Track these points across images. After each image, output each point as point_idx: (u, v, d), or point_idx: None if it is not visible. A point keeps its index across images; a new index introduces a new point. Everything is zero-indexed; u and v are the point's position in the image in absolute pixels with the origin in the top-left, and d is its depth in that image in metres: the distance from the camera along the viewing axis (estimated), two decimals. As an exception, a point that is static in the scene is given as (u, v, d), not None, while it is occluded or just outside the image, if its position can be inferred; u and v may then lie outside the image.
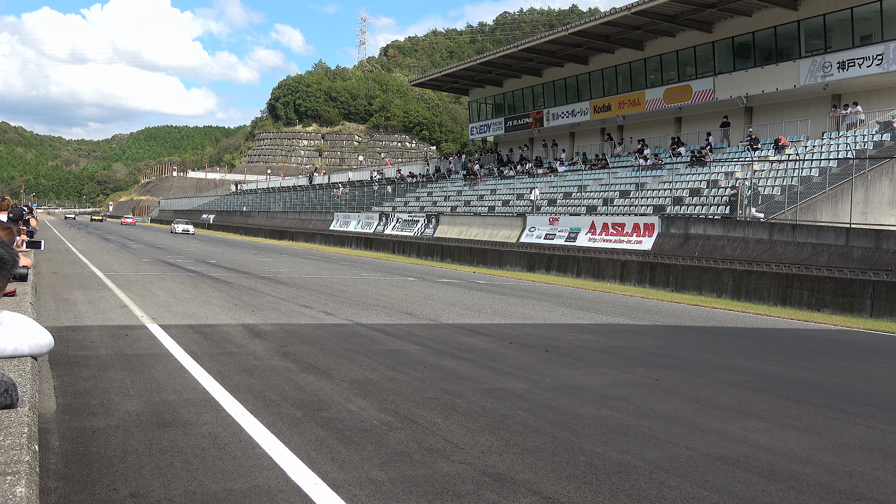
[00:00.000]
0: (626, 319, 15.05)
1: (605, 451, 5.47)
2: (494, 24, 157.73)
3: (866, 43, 27.21)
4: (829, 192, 23.48)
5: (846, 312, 17.73)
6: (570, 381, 8.20)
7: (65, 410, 5.81)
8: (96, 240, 40.74)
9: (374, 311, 13.60)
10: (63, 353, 8.08)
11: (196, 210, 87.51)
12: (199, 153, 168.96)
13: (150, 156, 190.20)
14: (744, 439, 6.00)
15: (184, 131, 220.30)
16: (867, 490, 4.89)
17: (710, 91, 33.34)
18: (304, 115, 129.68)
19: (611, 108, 39.19)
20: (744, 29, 31.58)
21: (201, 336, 9.87)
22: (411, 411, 6.34)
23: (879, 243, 19.43)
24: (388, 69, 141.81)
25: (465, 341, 10.65)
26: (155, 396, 6.45)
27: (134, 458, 4.74)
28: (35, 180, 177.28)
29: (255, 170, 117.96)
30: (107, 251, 30.12)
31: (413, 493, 4.36)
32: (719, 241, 23.62)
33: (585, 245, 28.51)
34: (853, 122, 27.61)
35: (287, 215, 61.39)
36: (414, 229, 41.11)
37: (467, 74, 48.31)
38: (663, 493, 4.60)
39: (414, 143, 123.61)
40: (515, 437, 5.72)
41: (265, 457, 4.91)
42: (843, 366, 10.82)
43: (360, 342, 10.04)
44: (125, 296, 14.14)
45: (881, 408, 7.74)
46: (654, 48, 36.29)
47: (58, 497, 4.00)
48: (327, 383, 7.35)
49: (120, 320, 10.99)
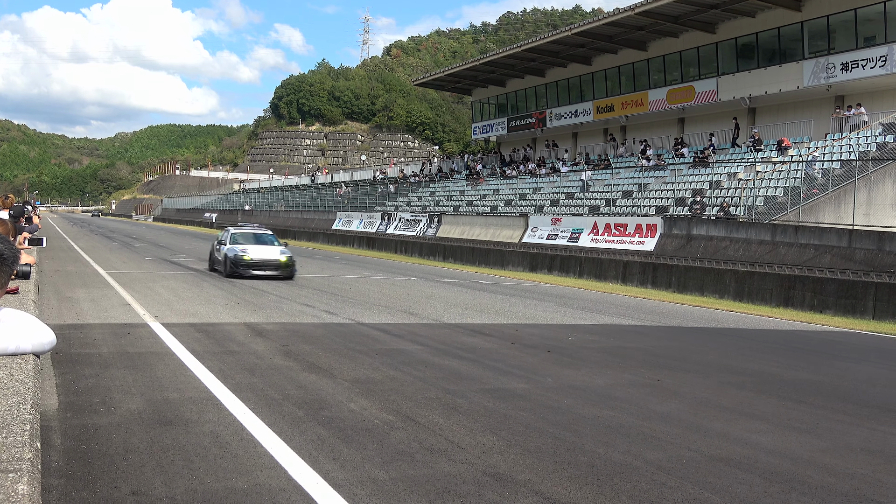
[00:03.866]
0: (628, 320, 15.03)
1: (607, 451, 5.47)
2: (497, 24, 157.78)
3: (870, 44, 27.15)
4: (832, 193, 23.44)
5: (848, 314, 17.70)
6: (571, 381, 8.19)
7: (67, 408, 5.82)
8: (99, 238, 40.79)
9: (377, 311, 13.60)
10: (65, 350, 8.09)
11: (199, 209, 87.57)
12: (202, 152, 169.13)
13: (153, 154, 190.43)
14: (746, 440, 5.99)
15: (186, 130, 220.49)
16: (869, 492, 4.88)
17: (713, 92, 33.28)
18: (308, 115, 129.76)
19: (614, 109, 39.14)
20: (747, 30, 31.53)
21: (203, 335, 9.88)
22: (413, 411, 6.34)
23: (882, 245, 19.39)
24: (391, 69, 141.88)
25: (467, 341, 10.65)
26: (157, 395, 6.46)
27: (135, 456, 4.75)
28: (38, 178, 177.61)
29: (258, 169, 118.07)
30: (109, 249, 30.16)
31: (414, 492, 4.36)
32: (722, 243, 23.59)
33: (588, 245, 28.47)
34: (856, 123, 27.55)
35: (290, 214, 61.41)
36: (416, 229, 41.11)
37: (470, 74, 48.28)
38: (665, 494, 4.60)
39: (417, 143, 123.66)
40: (517, 437, 5.72)
41: (267, 455, 4.92)
42: (846, 367, 10.80)
43: (362, 341, 10.04)
44: (127, 294, 14.16)
45: (884, 410, 7.72)
46: (657, 49, 36.24)
47: (60, 494, 4.01)
48: (329, 382, 7.35)
49: (122, 318, 11.00)
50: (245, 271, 18.60)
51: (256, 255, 18.92)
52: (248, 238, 20.17)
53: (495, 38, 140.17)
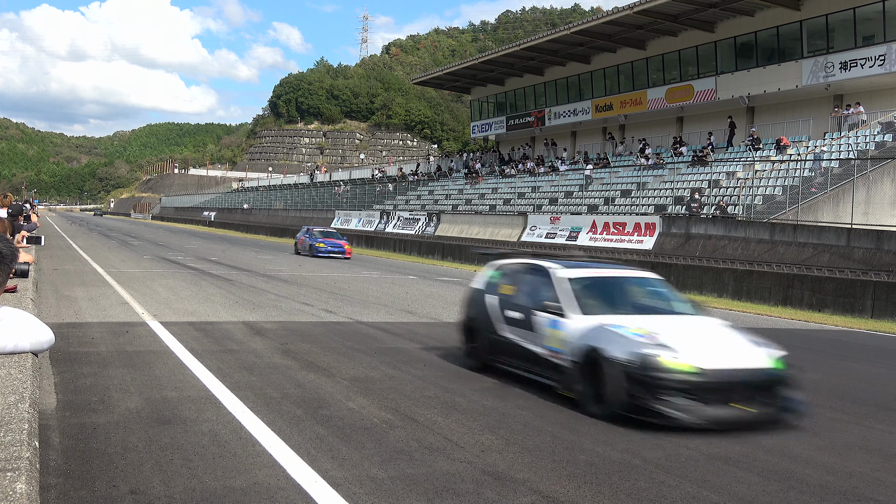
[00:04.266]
0: (626, 319, 15.02)
1: (605, 450, 5.47)
2: (496, 23, 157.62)
3: (869, 43, 27.16)
4: (831, 192, 23.46)
5: (847, 313, 17.72)
6: (570, 380, 8.18)
7: (65, 407, 5.81)
8: (97, 236, 40.76)
9: (375, 309, 13.60)
10: (64, 349, 8.08)
11: (197, 207, 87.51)
12: (200, 150, 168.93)
13: (152, 153, 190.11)
14: (744, 439, 6.00)
15: (185, 128, 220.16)
16: (867, 491, 4.89)
17: (712, 91, 33.29)
18: (306, 113, 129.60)
19: (612, 108, 39.14)
20: (746, 29, 31.54)
21: (202, 333, 9.87)
22: (411, 409, 6.35)
23: (881, 244, 19.42)
24: (390, 67, 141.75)
25: (466, 340, 10.64)
26: (155, 393, 6.45)
27: (134, 454, 4.74)
28: (36, 177, 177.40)
29: (257, 167, 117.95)
30: (108, 248, 30.14)
31: (413, 491, 4.36)
32: (720, 241, 23.61)
33: (586, 244, 28.49)
34: (855, 122, 27.57)
35: (288, 213, 61.38)
36: (415, 227, 41.11)
37: (469, 73, 48.27)
38: (663, 492, 4.60)
39: (416, 142, 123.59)
40: (515, 435, 5.72)
41: (265, 454, 4.92)
42: (844, 366, 10.82)
43: (360, 340, 10.04)
44: (126, 293, 14.15)
45: (882, 408, 7.74)
46: (656, 47, 36.24)
47: (58, 493, 4.01)
48: (328, 381, 7.35)
49: (121, 317, 10.99)
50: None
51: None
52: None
53: (494, 37, 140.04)
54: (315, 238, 31.38)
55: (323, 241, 30.98)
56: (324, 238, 31.58)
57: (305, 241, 31.61)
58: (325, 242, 30.91)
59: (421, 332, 11.13)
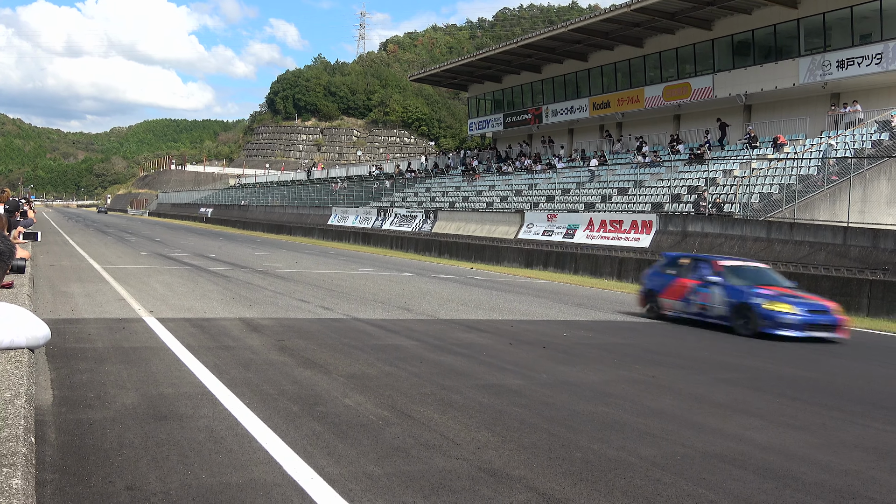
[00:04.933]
0: (623, 316, 15.06)
1: (602, 447, 5.48)
2: (494, 20, 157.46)
3: (866, 42, 27.21)
4: (827, 190, 23.50)
5: (843, 311, 17.75)
6: (567, 377, 8.21)
7: (61, 403, 5.80)
8: (94, 233, 40.69)
9: (372, 307, 13.60)
10: (60, 345, 8.07)
11: (194, 204, 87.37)
12: (197, 147, 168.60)
13: (149, 149, 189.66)
14: (740, 437, 6.01)
15: (182, 125, 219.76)
16: (863, 489, 4.90)
17: (709, 89, 33.32)
18: (303, 110, 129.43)
19: (610, 105, 39.16)
20: (743, 27, 31.57)
21: (198, 330, 9.86)
22: (408, 406, 6.35)
23: (877, 242, 19.46)
24: (387, 64, 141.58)
25: (463, 337, 10.66)
26: (152, 389, 6.45)
27: (130, 450, 4.74)
28: (33, 172, 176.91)
29: (254, 164, 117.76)
30: (104, 244, 30.08)
31: (409, 488, 4.37)
32: (717, 239, 23.64)
33: (583, 242, 28.52)
34: (852, 120, 27.62)
35: (285, 210, 61.33)
36: (412, 225, 41.11)
37: (466, 70, 48.26)
38: (659, 490, 4.61)
39: (413, 139, 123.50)
40: (512, 433, 5.73)
41: (261, 451, 4.92)
42: (840, 364, 10.85)
43: (357, 337, 10.04)
44: (122, 289, 14.12)
45: (877, 406, 7.76)
46: (653, 45, 36.26)
47: (54, 489, 4.00)
48: (324, 378, 7.35)
49: (117, 313, 10.97)
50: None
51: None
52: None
53: (491, 34, 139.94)
54: (754, 295, 13.03)
55: (792, 303, 12.86)
56: (790, 298, 13.06)
57: (717, 296, 13.60)
58: (796, 304, 12.85)
59: (418, 329, 11.13)
